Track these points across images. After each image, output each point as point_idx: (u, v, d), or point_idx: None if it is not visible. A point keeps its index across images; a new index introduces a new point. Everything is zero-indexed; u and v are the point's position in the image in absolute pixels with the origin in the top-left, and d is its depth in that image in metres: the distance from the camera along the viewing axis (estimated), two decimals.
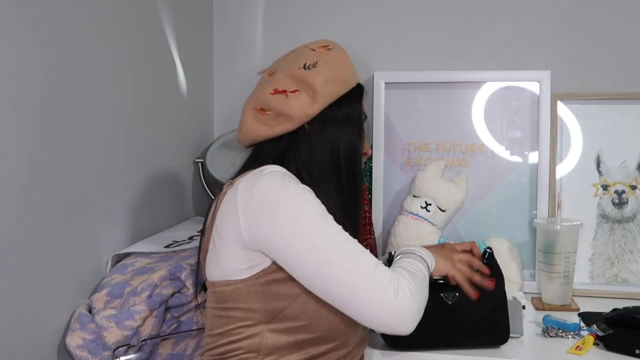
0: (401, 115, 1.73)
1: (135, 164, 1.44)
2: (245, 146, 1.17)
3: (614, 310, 1.37)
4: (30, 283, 1.10)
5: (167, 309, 1.24)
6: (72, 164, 1.20)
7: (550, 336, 1.31)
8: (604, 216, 1.64)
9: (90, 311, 1.20)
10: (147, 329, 1.18)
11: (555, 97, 1.67)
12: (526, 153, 1.68)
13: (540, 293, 1.56)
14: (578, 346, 1.24)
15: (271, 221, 0.98)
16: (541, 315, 1.37)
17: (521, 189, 1.68)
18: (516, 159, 1.69)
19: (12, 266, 1.05)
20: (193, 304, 1.26)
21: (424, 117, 1.73)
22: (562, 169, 1.67)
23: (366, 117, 1.19)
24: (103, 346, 1.14)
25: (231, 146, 1.79)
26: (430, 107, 1.72)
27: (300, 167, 1.09)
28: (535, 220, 1.59)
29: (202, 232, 1.13)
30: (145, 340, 1.18)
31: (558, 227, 1.50)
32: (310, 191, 1.02)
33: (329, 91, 1.09)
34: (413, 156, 1.72)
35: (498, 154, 1.69)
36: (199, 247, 1.13)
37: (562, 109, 1.68)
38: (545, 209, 1.64)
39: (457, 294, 1.20)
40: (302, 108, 1.08)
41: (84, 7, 1.23)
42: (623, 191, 1.64)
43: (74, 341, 1.14)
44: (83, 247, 1.25)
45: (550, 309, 1.47)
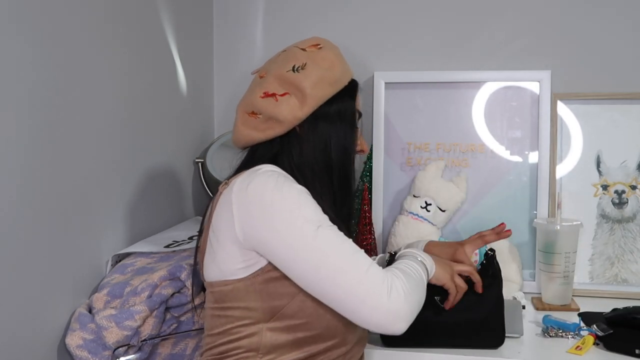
0: (401, 115, 1.73)
1: (135, 164, 1.44)
2: (239, 148, 1.17)
3: (614, 310, 1.37)
4: (30, 283, 1.10)
5: (167, 309, 1.24)
6: (72, 164, 1.20)
7: (550, 336, 1.31)
8: (604, 216, 1.64)
9: (90, 311, 1.20)
10: (147, 329, 1.18)
11: (555, 97, 1.67)
12: (526, 153, 1.68)
13: (540, 293, 1.56)
14: (578, 346, 1.24)
15: (265, 221, 0.98)
16: (541, 315, 1.37)
17: (521, 189, 1.68)
18: (516, 159, 1.69)
19: (12, 266, 1.05)
20: (193, 304, 1.26)
21: (424, 117, 1.73)
22: (562, 169, 1.67)
23: (361, 114, 1.18)
24: (103, 346, 1.14)
25: (231, 146, 1.76)
26: (430, 107, 1.72)
27: (293, 168, 1.09)
28: (535, 220, 1.59)
29: (200, 233, 1.13)
30: (145, 340, 1.18)
31: (558, 227, 1.50)
32: (305, 191, 1.02)
33: (318, 93, 1.09)
34: (413, 156, 1.72)
35: (498, 154, 1.69)
36: (196, 248, 1.13)
37: (562, 109, 1.68)
38: (545, 209, 1.64)
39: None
40: (292, 112, 1.08)
41: (84, 7, 1.23)
42: (623, 191, 1.64)
43: (74, 341, 1.14)
44: (83, 247, 1.25)
45: (550, 309, 1.47)
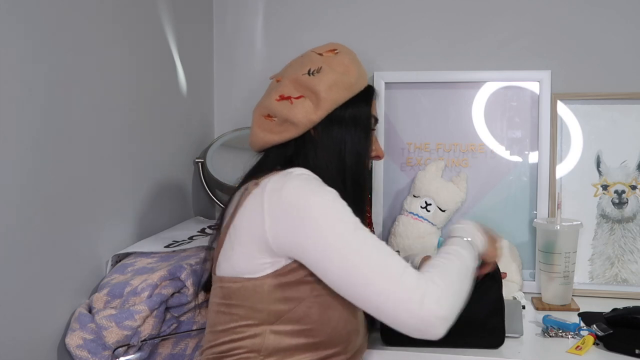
0: (401, 115, 1.73)
1: (135, 164, 1.44)
2: (256, 151, 1.18)
3: (614, 310, 1.37)
4: (30, 283, 1.10)
5: (167, 309, 1.24)
6: (72, 164, 1.20)
7: (550, 336, 1.31)
8: (604, 216, 1.64)
9: (90, 311, 1.20)
10: (147, 329, 1.18)
11: (555, 97, 1.67)
12: (526, 153, 1.68)
13: (540, 293, 1.56)
14: (578, 346, 1.24)
15: (300, 225, 0.98)
16: (541, 315, 1.37)
17: (521, 189, 1.68)
18: (516, 159, 1.69)
19: (12, 266, 1.05)
20: (193, 304, 1.26)
21: (424, 117, 1.73)
22: (562, 169, 1.67)
23: (377, 120, 1.19)
24: (103, 346, 1.14)
25: (231, 146, 1.79)
26: (430, 107, 1.72)
27: (311, 170, 1.09)
28: (535, 220, 1.59)
29: (219, 227, 1.13)
30: (145, 340, 1.18)
31: (558, 227, 1.50)
32: (337, 195, 1.02)
33: (333, 96, 1.09)
34: (413, 156, 1.72)
35: (498, 154, 1.69)
36: (211, 242, 1.12)
37: (562, 109, 1.68)
38: (545, 209, 1.64)
39: None
40: (306, 114, 1.09)
41: (84, 8, 1.23)
42: (623, 191, 1.64)
43: (74, 341, 1.14)
44: (83, 247, 1.25)
45: (550, 309, 1.47)
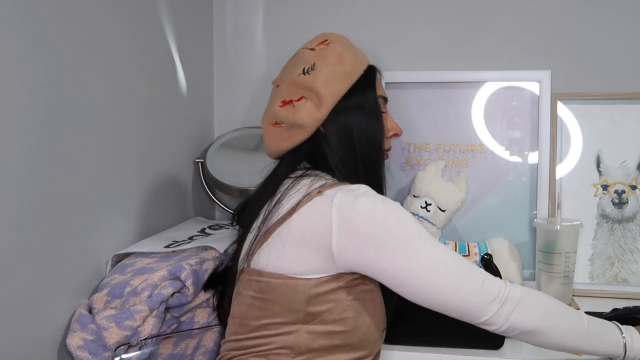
0: (401, 115, 1.73)
1: (134, 164, 1.44)
2: (273, 158, 1.19)
3: (614, 310, 1.38)
4: (30, 283, 1.09)
5: (167, 309, 1.23)
6: (72, 164, 1.20)
7: None
8: (604, 216, 1.64)
9: (90, 311, 1.20)
10: (147, 329, 1.18)
11: (555, 97, 1.67)
12: (526, 153, 1.68)
13: None
14: None
15: (377, 242, 0.98)
16: None
17: (521, 189, 1.68)
18: (516, 159, 1.69)
19: (12, 266, 1.05)
20: (193, 304, 1.26)
21: (424, 117, 1.73)
22: (562, 169, 1.67)
23: (386, 99, 1.18)
24: (103, 346, 1.14)
25: (231, 146, 1.79)
26: (430, 107, 1.72)
27: (332, 167, 1.09)
28: (535, 220, 1.59)
29: (263, 221, 1.10)
30: (145, 340, 1.18)
31: (558, 227, 1.50)
32: (405, 209, 1.03)
33: (332, 90, 1.09)
34: (413, 156, 1.72)
35: (498, 154, 1.69)
36: (257, 234, 1.10)
37: (562, 109, 1.68)
38: (545, 209, 1.64)
39: None
40: (310, 114, 1.08)
41: (84, 7, 1.23)
42: (623, 191, 1.64)
43: (75, 342, 1.14)
44: (83, 247, 1.25)
45: None
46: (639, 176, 1.64)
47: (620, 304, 1.42)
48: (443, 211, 1.62)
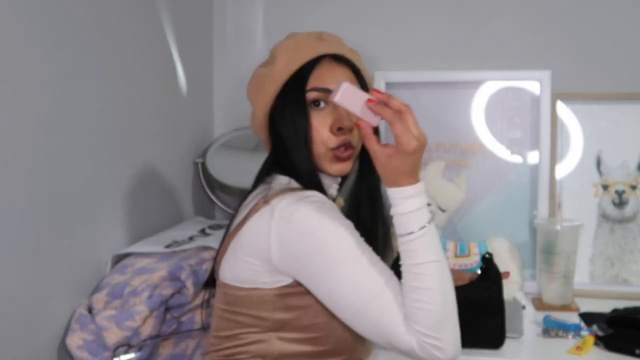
0: None
1: (135, 164, 1.44)
2: None
3: (614, 310, 1.38)
4: (30, 283, 1.09)
5: (167, 310, 1.23)
6: (72, 164, 1.20)
7: (550, 336, 1.31)
8: (604, 216, 1.64)
9: (90, 311, 1.20)
10: (147, 330, 1.18)
11: (555, 97, 1.67)
12: (526, 153, 1.68)
13: (540, 293, 1.56)
14: (578, 346, 1.24)
15: (308, 260, 0.96)
16: (541, 315, 1.37)
17: (521, 189, 1.68)
18: (516, 159, 1.69)
19: (12, 266, 1.05)
20: (193, 304, 1.26)
21: (424, 117, 1.71)
22: (562, 169, 1.67)
23: (326, 90, 1.04)
24: (103, 347, 1.14)
25: (231, 146, 1.79)
26: (430, 107, 1.72)
27: (288, 170, 1.07)
28: (535, 220, 1.59)
29: (225, 232, 1.10)
30: (145, 340, 1.18)
31: (558, 228, 1.50)
32: (349, 224, 0.99)
33: (260, 95, 1.09)
34: None
35: (498, 154, 1.69)
36: (220, 244, 1.11)
37: (562, 109, 1.68)
38: (545, 209, 1.64)
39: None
40: (253, 121, 1.13)
41: (84, 7, 1.23)
42: (623, 191, 1.64)
43: (74, 342, 1.14)
44: (83, 247, 1.25)
45: (550, 309, 1.47)
46: (639, 176, 1.63)
47: (620, 304, 1.42)
48: (443, 211, 1.62)
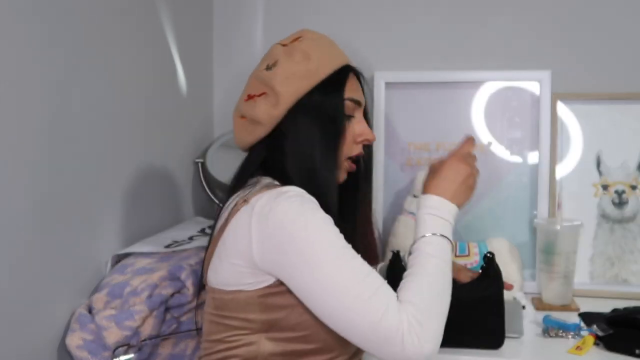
0: (401, 115, 1.73)
1: (135, 164, 1.44)
2: (243, 151, 1.17)
3: (614, 310, 1.38)
4: (30, 283, 1.09)
5: (167, 309, 1.23)
6: (72, 164, 1.20)
7: (550, 336, 1.31)
8: (604, 216, 1.64)
9: (90, 311, 1.20)
10: (147, 329, 1.18)
11: (555, 97, 1.67)
12: (526, 153, 1.68)
13: (540, 293, 1.56)
14: (578, 346, 1.24)
15: (286, 254, 0.96)
16: (541, 315, 1.37)
17: (521, 189, 1.68)
18: (516, 159, 1.69)
19: (12, 266, 1.05)
20: (193, 304, 1.26)
21: (424, 117, 1.73)
22: (562, 169, 1.67)
23: (358, 102, 1.11)
24: (103, 346, 1.14)
25: (231, 146, 1.78)
26: (430, 107, 1.72)
27: (284, 168, 1.06)
28: (535, 220, 1.59)
29: (210, 237, 1.12)
30: (145, 340, 1.18)
31: (558, 227, 1.50)
32: (328, 219, 0.99)
33: (290, 89, 1.05)
34: (413, 156, 1.72)
35: (498, 154, 1.69)
36: (206, 249, 1.12)
37: (562, 109, 1.68)
38: (545, 209, 1.64)
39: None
40: (266, 111, 1.06)
41: (84, 7, 1.23)
42: (623, 191, 1.64)
43: (74, 341, 1.14)
44: (83, 247, 1.25)
45: (550, 309, 1.47)
46: (639, 176, 1.63)
47: (620, 304, 1.42)
48: None
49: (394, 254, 1.29)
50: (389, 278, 1.03)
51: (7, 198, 1.04)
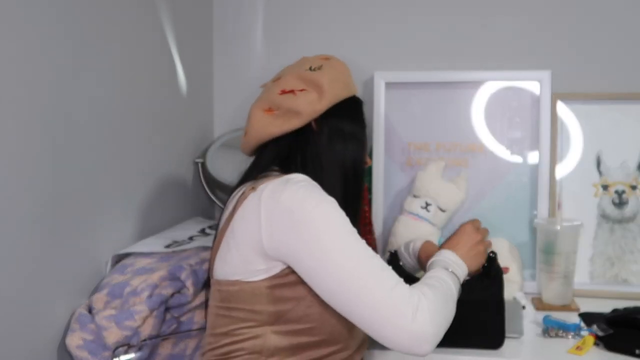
0: (401, 115, 1.73)
1: (135, 164, 1.44)
2: (249, 152, 1.18)
3: (614, 310, 1.38)
4: (30, 283, 1.10)
5: (167, 309, 1.24)
6: (72, 164, 1.20)
7: (550, 336, 1.31)
8: (604, 216, 1.64)
9: (90, 311, 1.20)
10: (147, 329, 1.18)
11: (555, 97, 1.67)
12: (526, 153, 1.68)
13: (540, 293, 1.56)
14: (578, 346, 1.24)
15: (295, 234, 0.98)
16: (541, 315, 1.37)
17: (521, 189, 1.68)
18: (516, 159, 1.69)
19: (12, 266, 1.05)
20: (193, 304, 1.26)
21: (424, 117, 1.73)
22: (562, 169, 1.67)
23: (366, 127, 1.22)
24: (103, 346, 1.14)
25: (231, 146, 1.79)
26: (430, 107, 1.72)
27: (306, 162, 1.11)
28: (535, 220, 1.59)
29: (216, 230, 1.13)
30: (145, 340, 1.18)
31: (558, 228, 1.50)
32: (335, 203, 1.02)
33: (334, 90, 1.13)
34: (413, 156, 1.72)
35: (498, 154, 1.69)
36: (213, 241, 1.14)
37: (562, 109, 1.68)
38: (545, 209, 1.64)
39: None
40: (310, 104, 1.11)
41: (84, 7, 1.23)
42: (623, 191, 1.64)
43: (74, 341, 1.14)
44: (83, 247, 1.25)
45: (550, 309, 1.47)
46: (639, 176, 1.63)
47: (620, 304, 1.42)
48: (443, 211, 1.62)
49: (392, 254, 1.29)
50: None
51: (8, 198, 1.04)
